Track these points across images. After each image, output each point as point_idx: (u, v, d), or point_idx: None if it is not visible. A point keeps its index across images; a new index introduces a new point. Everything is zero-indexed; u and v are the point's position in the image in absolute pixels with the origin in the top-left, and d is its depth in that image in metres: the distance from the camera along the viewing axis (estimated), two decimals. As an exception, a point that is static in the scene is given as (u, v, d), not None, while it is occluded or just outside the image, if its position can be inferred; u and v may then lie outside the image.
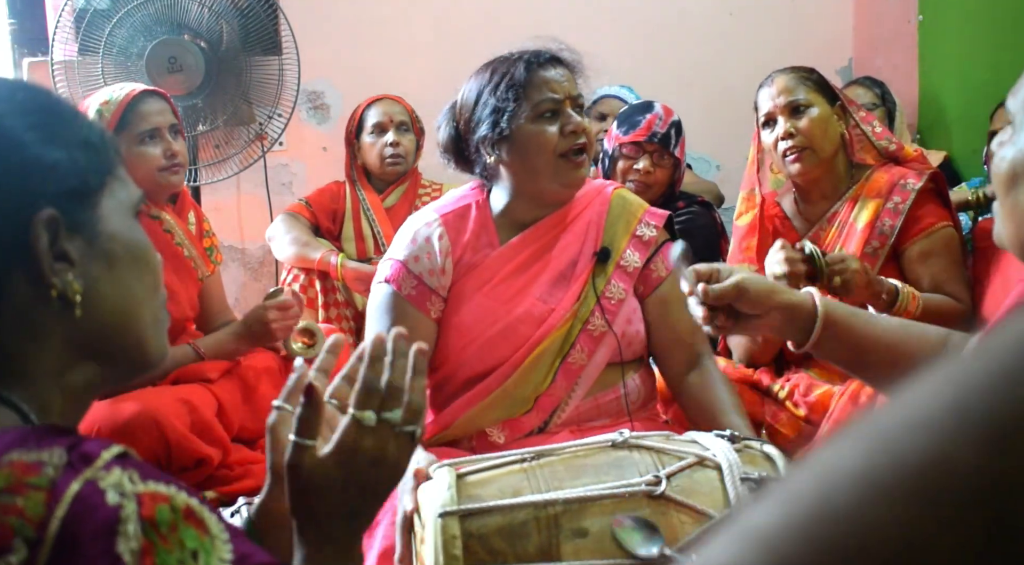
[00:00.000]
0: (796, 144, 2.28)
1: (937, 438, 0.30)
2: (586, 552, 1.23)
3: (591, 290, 1.86)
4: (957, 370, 0.32)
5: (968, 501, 0.29)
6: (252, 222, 3.92)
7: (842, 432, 0.33)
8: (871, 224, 2.27)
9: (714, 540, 0.33)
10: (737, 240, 2.46)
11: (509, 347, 1.82)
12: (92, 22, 3.26)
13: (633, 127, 2.69)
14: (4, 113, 0.81)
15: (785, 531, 0.31)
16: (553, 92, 1.82)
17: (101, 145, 0.85)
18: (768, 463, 1.35)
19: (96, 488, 0.69)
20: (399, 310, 1.84)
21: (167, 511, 0.70)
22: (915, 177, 2.30)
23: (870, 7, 4.18)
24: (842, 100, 2.36)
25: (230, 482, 2.33)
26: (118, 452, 0.73)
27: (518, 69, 1.81)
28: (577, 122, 1.82)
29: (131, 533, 0.68)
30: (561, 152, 1.82)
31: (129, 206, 0.87)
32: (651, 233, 1.93)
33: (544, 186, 1.86)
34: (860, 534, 0.30)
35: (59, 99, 0.88)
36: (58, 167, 0.81)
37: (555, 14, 4.03)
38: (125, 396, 2.22)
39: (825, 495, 0.31)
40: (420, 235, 1.88)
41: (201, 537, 0.71)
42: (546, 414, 1.83)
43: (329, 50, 3.92)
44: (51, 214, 0.78)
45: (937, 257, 2.27)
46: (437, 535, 1.22)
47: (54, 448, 0.72)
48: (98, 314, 0.82)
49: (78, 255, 0.80)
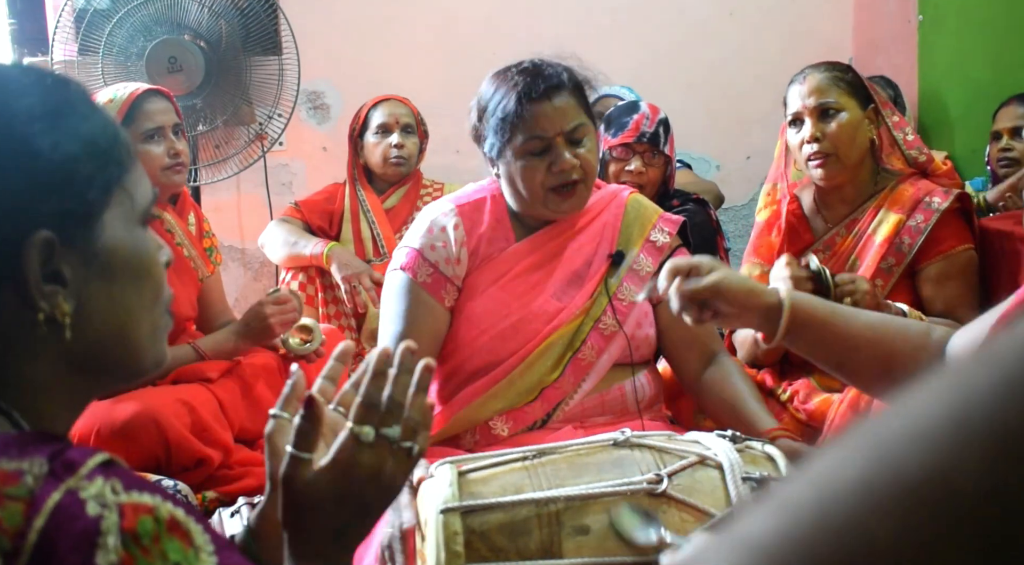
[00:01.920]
0: (821, 149, 2.21)
1: (938, 449, 0.30)
2: (587, 549, 1.23)
3: (603, 290, 1.88)
4: (957, 379, 0.32)
5: (970, 513, 0.29)
6: (252, 222, 3.92)
7: (840, 440, 0.33)
8: (890, 240, 2.21)
9: (710, 548, 0.33)
10: (755, 235, 2.40)
11: (519, 340, 1.83)
12: (92, 22, 3.26)
13: (621, 129, 2.69)
14: (8, 121, 0.78)
15: (783, 542, 0.31)
16: (543, 130, 1.80)
17: (112, 149, 0.82)
18: (769, 463, 1.35)
19: (77, 498, 0.68)
20: (414, 297, 1.85)
21: (150, 523, 0.69)
22: (941, 196, 2.21)
23: (870, 7, 4.18)
24: (876, 103, 2.26)
25: (230, 482, 2.32)
26: (102, 460, 0.72)
27: (510, 101, 1.80)
28: (565, 160, 1.81)
29: (111, 546, 0.66)
30: (550, 187, 1.84)
31: (137, 213, 0.84)
32: (664, 239, 1.95)
33: (536, 211, 1.89)
34: (859, 546, 0.30)
35: (71, 98, 0.83)
36: (58, 187, 0.77)
37: (555, 14, 4.03)
38: (125, 396, 2.22)
39: (823, 506, 0.31)
40: (436, 224, 1.90)
41: (185, 549, 0.69)
42: (550, 406, 1.83)
43: (329, 50, 3.92)
44: (46, 236, 0.76)
45: (953, 281, 2.21)
46: (439, 531, 1.22)
47: (35, 457, 0.70)
48: (91, 331, 0.80)
49: (72, 273, 0.78)
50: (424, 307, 1.84)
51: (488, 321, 1.85)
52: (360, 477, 0.89)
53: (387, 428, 0.90)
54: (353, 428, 0.90)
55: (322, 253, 3.10)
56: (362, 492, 0.89)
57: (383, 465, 0.90)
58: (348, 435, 0.89)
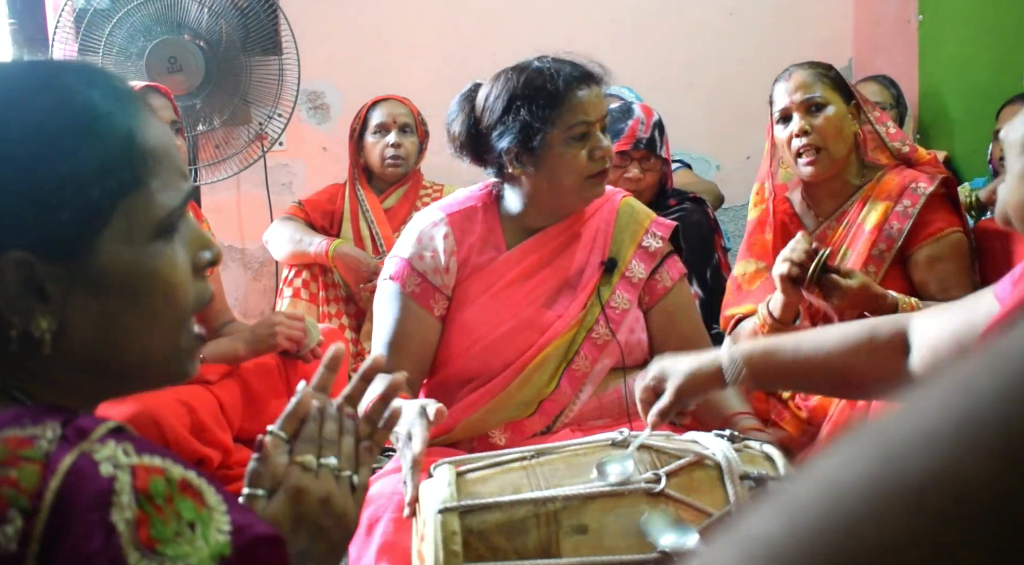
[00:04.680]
0: (810, 142, 2.25)
1: (944, 450, 0.30)
2: (586, 548, 1.23)
3: (596, 299, 1.87)
4: (965, 378, 0.31)
5: (979, 515, 0.29)
6: (252, 222, 3.92)
7: (847, 439, 0.33)
8: (879, 227, 2.25)
9: (714, 549, 0.33)
10: (746, 235, 2.44)
11: (512, 351, 1.82)
12: (92, 22, 3.26)
13: (616, 136, 2.66)
14: (5, 138, 0.76)
15: (790, 542, 0.31)
16: (587, 115, 1.81)
17: (121, 164, 0.79)
18: (768, 462, 1.35)
19: (90, 460, 0.70)
20: (403, 307, 1.85)
21: (161, 483, 0.71)
22: (926, 181, 2.26)
23: (870, 7, 4.18)
24: (857, 99, 2.33)
25: (230, 482, 2.32)
26: (113, 426, 0.74)
27: (556, 86, 1.79)
28: (605, 147, 1.83)
29: (125, 503, 0.68)
30: (588, 174, 1.83)
31: (148, 227, 0.80)
32: (656, 244, 1.94)
33: (565, 201, 1.87)
34: (867, 548, 0.30)
35: (68, 112, 0.79)
36: (36, 210, 0.75)
37: (556, 14, 4.03)
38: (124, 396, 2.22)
39: (830, 507, 0.31)
40: (425, 234, 1.89)
41: (198, 508, 0.71)
42: (550, 418, 1.83)
43: (329, 50, 3.92)
44: (18, 257, 0.75)
45: (945, 262, 2.24)
46: (437, 531, 1.22)
47: (48, 423, 0.72)
48: (78, 347, 0.79)
49: (56, 290, 0.77)
50: (413, 317, 1.83)
51: (480, 331, 1.83)
52: (313, 500, 0.94)
53: (326, 458, 0.97)
54: (296, 458, 0.96)
55: (326, 251, 3.11)
56: (315, 516, 0.94)
57: (332, 490, 0.95)
58: (294, 465, 0.96)
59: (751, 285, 2.34)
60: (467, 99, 1.91)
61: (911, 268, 2.27)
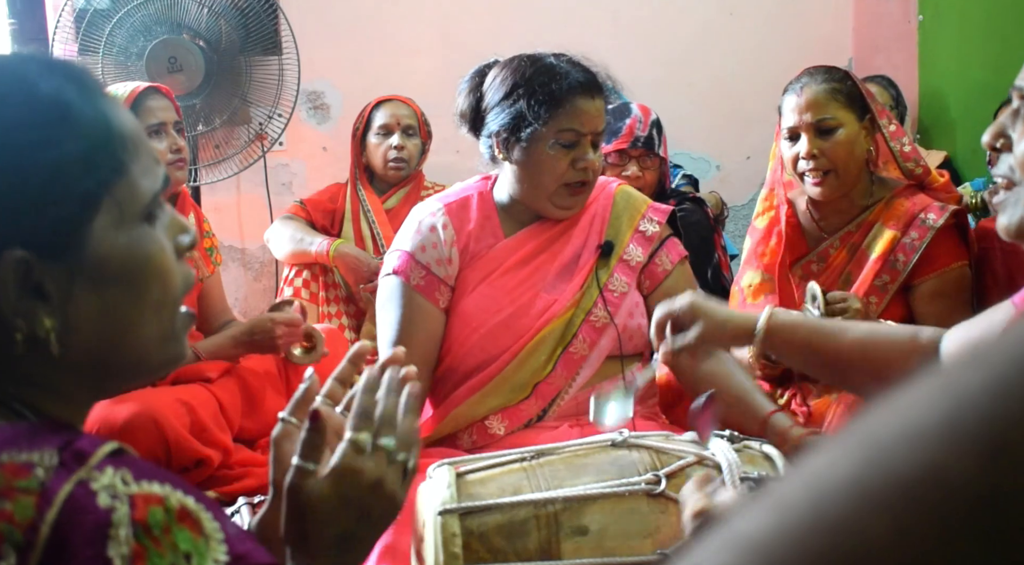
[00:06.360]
0: (819, 166, 2.16)
1: (931, 447, 0.30)
2: (586, 550, 1.23)
3: (594, 282, 1.87)
4: (951, 378, 0.31)
5: (964, 513, 0.29)
6: (252, 222, 3.92)
7: (835, 439, 0.33)
8: (884, 257, 2.17)
9: (703, 547, 0.33)
10: (753, 243, 2.36)
11: (511, 336, 1.83)
12: (92, 22, 3.26)
13: (614, 135, 2.66)
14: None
15: (777, 539, 0.31)
16: (580, 125, 1.82)
17: (105, 150, 0.78)
18: (767, 463, 1.35)
19: (88, 490, 0.68)
20: (408, 301, 1.85)
21: (160, 513, 0.69)
22: (936, 212, 2.17)
23: (870, 7, 4.18)
24: (873, 113, 2.21)
25: (230, 482, 2.32)
26: (112, 449, 0.72)
27: (560, 87, 1.80)
28: (589, 160, 1.83)
29: (122, 537, 0.67)
30: (567, 182, 1.84)
31: (137, 211, 0.80)
32: (654, 228, 1.95)
33: (539, 202, 1.89)
34: (853, 545, 0.30)
35: (50, 105, 0.78)
36: (29, 206, 0.74)
37: (556, 14, 4.03)
38: (124, 396, 2.21)
39: (817, 504, 0.31)
40: (425, 225, 1.90)
41: (195, 538, 0.70)
42: (545, 402, 1.83)
43: (329, 50, 3.92)
44: (18, 256, 0.73)
45: (946, 298, 2.18)
46: (437, 533, 1.22)
47: (45, 449, 0.70)
48: (83, 342, 0.78)
49: (56, 287, 0.75)
50: (419, 311, 1.84)
51: (479, 319, 1.84)
52: (364, 484, 0.89)
53: (383, 439, 0.91)
54: (351, 436, 0.91)
55: (327, 251, 3.11)
56: (364, 499, 0.90)
57: (384, 474, 0.90)
58: (348, 443, 0.91)
59: (755, 299, 2.28)
60: (480, 74, 1.93)
61: (913, 300, 2.21)
